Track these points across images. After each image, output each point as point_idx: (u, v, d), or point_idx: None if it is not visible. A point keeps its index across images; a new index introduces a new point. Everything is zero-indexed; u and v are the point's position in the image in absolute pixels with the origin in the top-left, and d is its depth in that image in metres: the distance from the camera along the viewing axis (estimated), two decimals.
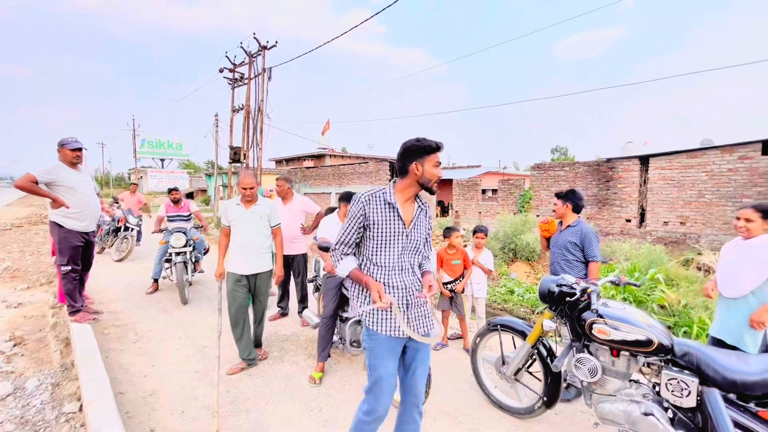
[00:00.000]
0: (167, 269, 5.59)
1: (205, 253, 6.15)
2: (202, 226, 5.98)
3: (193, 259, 5.56)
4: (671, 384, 2.02)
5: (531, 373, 2.79)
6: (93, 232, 4.24)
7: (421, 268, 2.09)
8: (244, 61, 15.24)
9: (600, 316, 2.23)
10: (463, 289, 3.97)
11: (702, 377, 1.95)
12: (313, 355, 3.60)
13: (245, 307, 3.40)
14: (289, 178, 4.66)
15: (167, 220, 5.69)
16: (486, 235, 4.16)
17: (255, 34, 14.12)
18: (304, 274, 4.56)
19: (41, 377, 2.98)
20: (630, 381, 2.23)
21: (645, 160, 10.32)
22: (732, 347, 2.58)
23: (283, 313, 4.75)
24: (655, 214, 9.98)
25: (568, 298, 2.39)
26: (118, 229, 8.02)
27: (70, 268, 4.00)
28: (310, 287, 4.54)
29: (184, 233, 5.40)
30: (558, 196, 3.29)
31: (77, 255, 4.06)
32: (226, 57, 15.67)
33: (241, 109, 15.44)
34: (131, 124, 37.55)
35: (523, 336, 2.74)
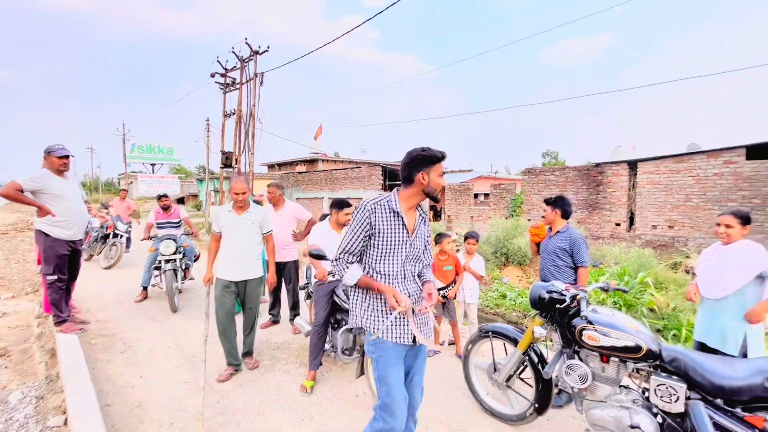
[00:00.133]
0: (157, 277, 5.52)
1: (196, 260, 6.08)
2: (192, 232, 5.92)
3: (183, 267, 5.50)
4: (660, 389, 2.04)
5: (522, 380, 2.80)
6: (80, 240, 4.17)
7: (422, 276, 2.09)
8: (235, 66, 15.21)
9: (589, 322, 2.25)
10: (455, 295, 3.98)
11: (690, 383, 1.98)
12: (305, 364, 3.57)
13: (233, 314, 3.40)
14: (281, 184, 4.65)
15: (157, 227, 5.62)
16: (477, 241, 4.18)
17: (246, 39, 14.12)
18: (295, 281, 4.53)
19: (25, 390, 2.92)
20: (620, 387, 2.25)
21: (633, 164, 10.47)
22: (714, 350, 2.64)
23: (275, 321, 4.71)
24: (644, 217, 10.12)
25: (558, 304, 2.41)
26: (106, 236, 7.91)
27: (56, 277, 3.92)
28: (301, 294, 4.51)
29: (173, 240, 5.34)
30: (547, 202, 3.32)
31: (63, 264, 3.98)
32: (217, 62, 15.63)
33: (233, 114, 15.38)
34: (121, 128, 37.13)
35: (515, 342, 2.75)
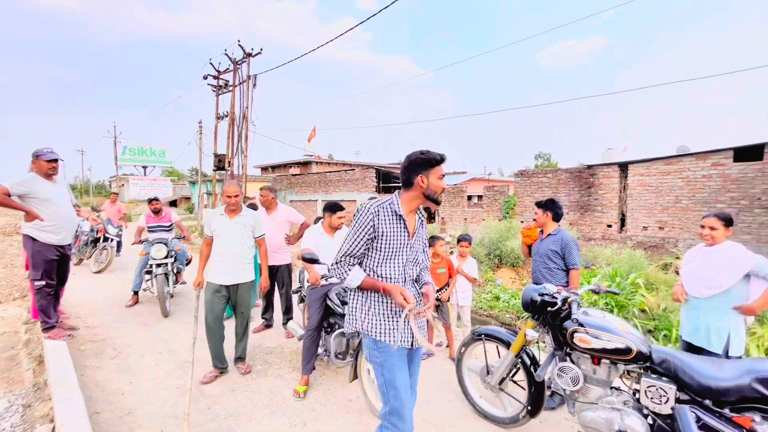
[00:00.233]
0: (148, 281, 5.46)
1: (188, 264, 6.03)
2: (184, 236, 5.87)
3: (175, 271, 5.44)
4: (650, 391, 2.06)
5: (515, 382, 2.81)
6: (69, 245, 4.11)
7: (420, 279, 2.09)
8: (228, 68, 15.15)
9: (581, 325, 2.26)
10: (449, 298, 3.98)
11: (679, 384, 2.00)
12: (298, 368, 3.55)
13: (222, 318, 3.41)
14: (273, 187, 4.64)
15: (148, 230, 5.57)
16: (470, 244, 4.20)
17: (239, 41, 14.09)
18: (288, 284, 4.51)
19: (12, 398, 2.86)
20: (611, 388, 2.26)
21: (624, 166, 10.59)
22: (699, 348, 2.70)
23: (268, 325, 4.68)
24: (635, 219, 10.24)
25: (549, 307, 2.42)
26: (97, 240, 7.81)
27: (44, 283, 3.86)
28: (294, 298, 4.49)
29: (165, 244, 5.29)
30: (538, 205, 3.35)
31: (52, 269, 3.92)
32: (210, 64, 15.56)
33: (226, 116, 15.30)
34: (112, 130, 36.75)
35: (507, 345, 2.76)
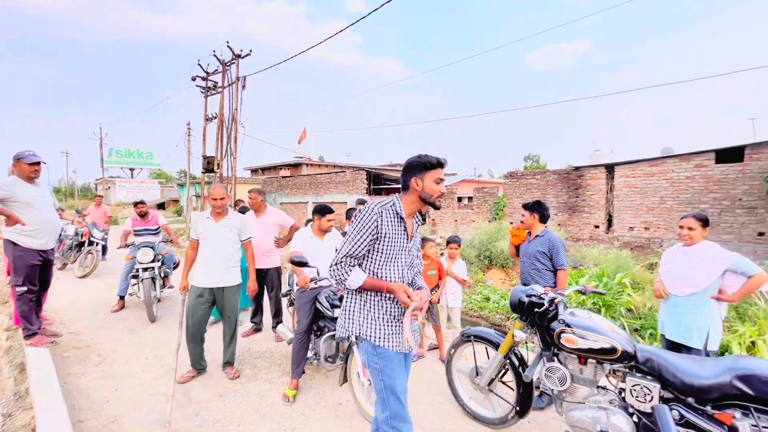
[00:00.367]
0: (134, 285, 5.37)
1: (176, 267, 5.94)
2: (171, 239, 5.79)
3: (162, 275, 5.36)
4: (635, 390, 2.09)
5: (504, 383, 2.83)
6: (52, 249, 4.03)
7: (415, 284, 2.08)
8: (217, 70, 15.01)
9: (567, 325, 2.29)
10: (439, 300, 4.00)
11: (663, 382, 2.03)
12: (288, 372, 3.52)
13: (203, 323, 3.40)
14: (262, 190, 4.61)
15: (134, 234, 5.48)
16: (459, 246, 4.22)
17: (228, 42, 13.97)
18: (278, 288, 4.48)
19: None
20: (598, 388, 2.29)
21: (611, 168, 10.77)
22: (679, 345, 2.79)
23: (257, 329, 4.63)
24: (621, 220, 10.41)
25: (536, 308, 2.45)
26: (81, 244, 7.65)
27: (26, 288, 3.77)
28: (284, 301, 4.46)
29: (152, 248, 5.21)
30: (525, 207, 3.39)
31: (34, 275, 3.83)
32: (198, 65, 15.39)
33: (215, 118, 15.14)
34: (98, 132, 36.05)
35: (496, 346, 2.78)
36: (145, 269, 5.07)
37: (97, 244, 7.58)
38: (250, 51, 14.14)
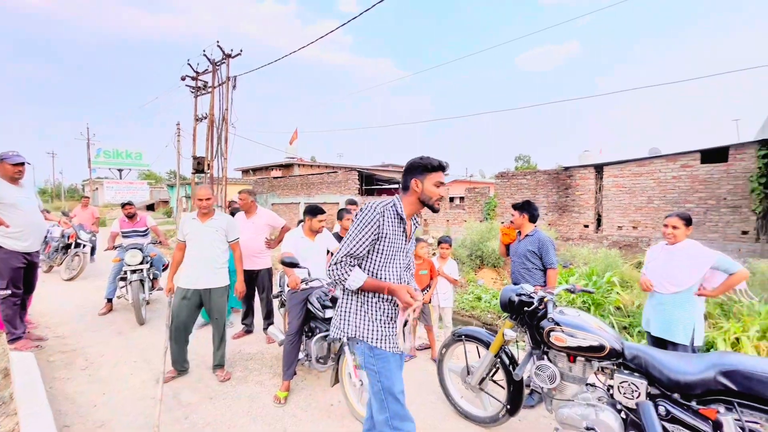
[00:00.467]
0: (122, 288, 5.29)
1: (164, 269, 5.86)
2: (160, 241, 5.71)
3: (151, 277, 5.29)
4: (623, 386, 2.12)
5: (495, 382, 2.85)
6: (36, 252, 3.95)
7: (409, 285, 2.08)
8: (207, 69, 14.86)
9: (557, 324, 2.31)
10: (430, 299, 4.01)
11: (650, 379, 2.07)
12: (279, 374, 3.50)
13: (189, 325, 3.38)
14: (252, 190, 4.57)
15: (122, 236, 5.40)
16: (450, 246, 4.24)
17: (218, 42, 13.84)
18: (269, 289, 4.45)
19: None
20: (587, 385, 2.32)
21: (600, 168, 10.91)
22: (664, 341, 2.85)
23: (248, 330, 4.60)
24: (610, 219, 10.55)
25: (526, 307, 2.47)
26: (68, 246, 7.51)
27: (9, 292, 3.69)
28: (275, 303, 4.43)
29: (140, 249, 5.14)
30: (515, 207, 3.42)
31: (18, 277, 3.75)
32: (188, 65, 15.22)
33: (205, 118, 14.99)
34: (85, 132, 35.44)
35: (487, 345, 2.79)
36: (134, 271, 5.00)
37: (84, 246, 7.45)
38: (240, 51, 14.03)
